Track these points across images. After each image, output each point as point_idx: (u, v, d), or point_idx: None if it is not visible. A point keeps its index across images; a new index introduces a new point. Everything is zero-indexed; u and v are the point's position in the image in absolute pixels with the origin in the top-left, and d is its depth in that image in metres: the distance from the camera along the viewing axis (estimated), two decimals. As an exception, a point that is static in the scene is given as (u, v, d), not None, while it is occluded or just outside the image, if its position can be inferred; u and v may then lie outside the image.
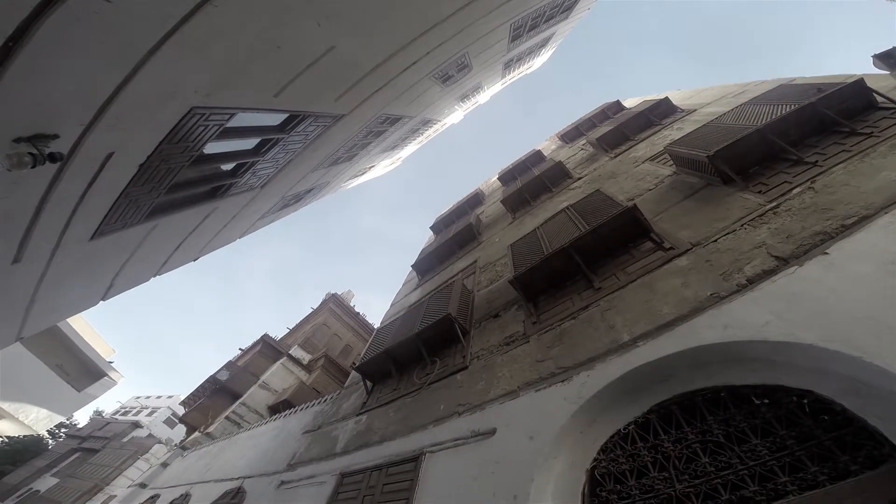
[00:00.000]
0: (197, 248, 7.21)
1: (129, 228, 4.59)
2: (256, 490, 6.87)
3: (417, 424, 4.91)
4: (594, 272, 4.96)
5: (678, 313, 3.49)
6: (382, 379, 6.83)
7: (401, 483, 4.29)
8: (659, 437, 3.02)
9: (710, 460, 2.69)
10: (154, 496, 10.99)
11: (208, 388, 15.15)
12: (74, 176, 3.35)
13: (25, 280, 4.29)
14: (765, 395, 2.77)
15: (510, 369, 4.55)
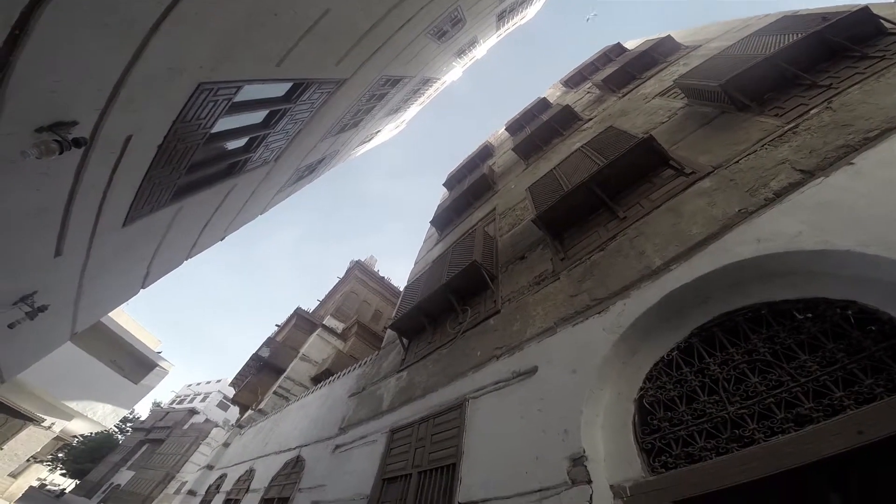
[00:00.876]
0: (222, 226, 7.40)
1: (157, 212, 4.72)
2: (314, 456, 7.18)
3: (457, 373, 4.99)
4: (617, 203, 4.90)
5: (708, 232, 3.42)
6: (417, 334, 6.94)
7: (448, 431, 4.41)
8: (704, 360, 2.99)
9: (760, 380, 2.64)
10: (221, 476, 11.68)
11: (253, 367, 15.75)
12: (99, 162, 3.42)
13: (70, 273, 4.51)
14: (806, 309, 2.69)
15: (543, 307, 4.54)
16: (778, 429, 2.39)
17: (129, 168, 3.75)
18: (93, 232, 4.15)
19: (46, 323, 4.98)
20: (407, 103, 13.06)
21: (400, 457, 4.88)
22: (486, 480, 3.48)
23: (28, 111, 2.56)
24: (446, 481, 3.96)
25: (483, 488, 3.44)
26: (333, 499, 5.36)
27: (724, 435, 2.57)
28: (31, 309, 4.12)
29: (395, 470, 4.76)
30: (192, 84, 3.57)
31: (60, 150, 2.71)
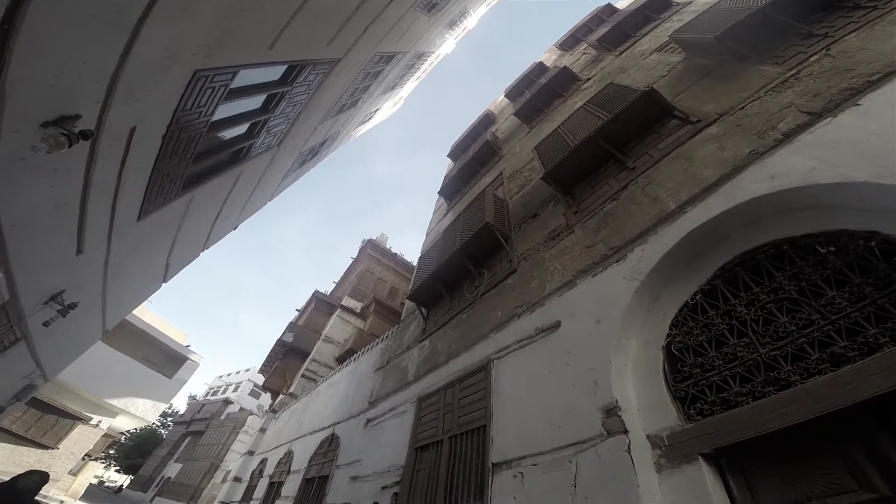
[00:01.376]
0: (234, 215, 7.52)
1: (169, 204, 4.79)
2: (347, 432, 7.35)
3: (478, 336, 5.02)
4: (625, 154, 4.87)
5: (720, 174, 3.39)
6: (435, 303, 6.99)
7: (475, 394, 4.46)
8: (729, 302, 2.94)
9: (790, 319, 2.59)
10: (263, 460, 12.01)
11: (279, 352, 16.07)
12: (107, 155, 3.46)
13: (93, 270, 4.63)
14: (829, 242, 2.63)
15: (561, 261, 4.51)
16: (814, 370, 2.34)
17: (137, 160, 3.79)
18: (110, 227, 4.24)
19: (79, 321, 5.16)
20: (403, 79, 12.92)
21: (430, 424, 4.98)
22: (518, 439, 3.51)
23: (30, 107, 2.57)
24: (478, 443, 4.03)
25: (516, 447, 3.48)
26: (371, 472, 5.51)
27: (759, 379, 2.54)
28: (62, 307, 4.26)
29: (426, 438, 4.86)
30: (187, 72, 3.55)
31: (69, 143, 2.73)
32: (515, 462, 3.38)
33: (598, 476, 2.71)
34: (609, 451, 2.73)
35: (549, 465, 3.09)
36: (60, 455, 15.16)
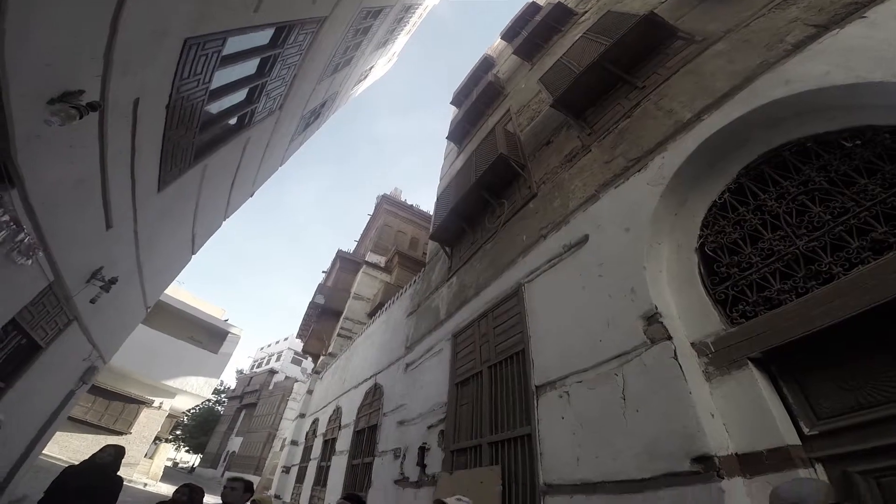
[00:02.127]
0: (249, 181, 7.66)
1: (185, 173, 4.88)
2: (389, 380, 7.61)
3: (506, 263, 5.04)
4: (633, 76, 4.81)
5: (733, 84, 3.33)
6: (458, 239, 7.04)
7: (510, 320, 4.51)
8: (759, 197, 2.89)
9: (823, 209, 2.54)
10: (314, 420, 12.58)
11: (313, 315, 16.58)
12: (117, 128, 3.50)
13: (125, 245, 4.82)
14: (854, 137, 2.57)
15: (581, 179, 4.44)
16: (856, 259, 2.29)
17: (146, 131, 3.85)
18: (133, 199, 4.34)
19: (121, 297, 5.42)
20: (393, 34, 12.58)
21: (467, 358, 5.10)
22: (559, 358, 3.55)
23: (33, 85, 2.57)
24: (518, 368, 4.10)
25: (558, 366, 3.52)
26: (416, 414, 5.74)
27: (800, 273, 2.49)
28: (103, 282, 4.47)
29: (466, 371, 4.99)
30: (178, 41, 3.51)
31: (80, 115, 2.75)
32: (559, 382, 3.44)
33: (646, 386, 2.72)
34: (655, 359, 2.73)
35: (594, 381, 3.13)
36: (134, 440, 16.21)
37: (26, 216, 3.12)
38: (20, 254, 3.14)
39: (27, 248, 3.18)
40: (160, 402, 17.46)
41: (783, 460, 2.14)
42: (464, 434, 4.58)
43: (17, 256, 3.12)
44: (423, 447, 5.16)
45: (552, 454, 3.26)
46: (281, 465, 13.71)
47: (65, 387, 6.00)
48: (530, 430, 3.57)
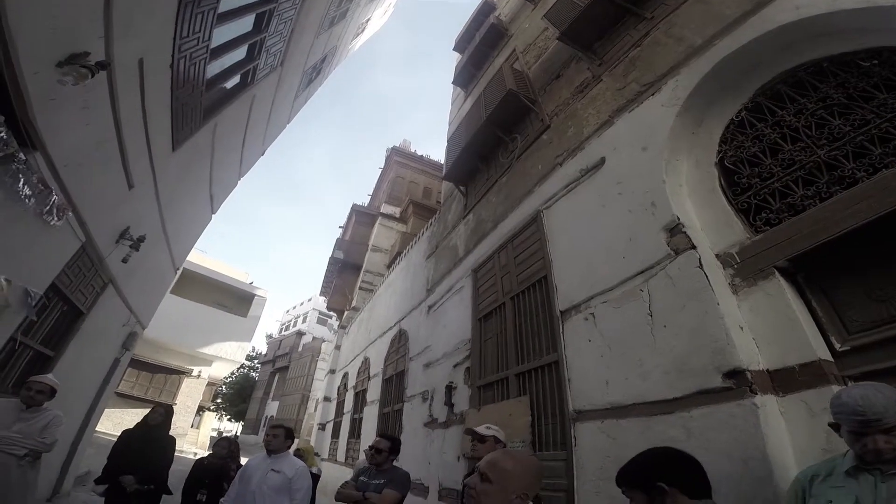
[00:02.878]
0: (259, 140, 7.80)
1: (196, 132, 4.97)
2: (413, 325, 7.77)
3: (522, 193, 5.02)
4: (640, 7, 4.55)
5: (743, 10, 3.18)
6: (472, 177, 7.00)
7: (530, 248, 4.50)
8: (776, 114, 2.83)
9: (843, 122, 2.49)
10: (344, 375, 12.96)
11: (334, 271, 16.87)
12: (126, 89, 3.55)
13: (148, 204, 5.00)
14: (870, 57, 2.51)
15: (594, 108, 4.34)
16: (879, 164, 2.24)
17: (154, 91, 3.92)
18: (150, 159, 4.46)
19: (150, 258, 5.65)
20: (387, -17, 12.15)
21: (489, 291, 5.14)
22: (582, 280, 3.55)
23: (41, 49, 2.59)
24: (541, 295, 4.12)
25: (582, 289, 3.52)
26: (441, 354, 5.88)
27: (823, 179, 2.44)
28: (132, 241, 4.64)
29: (488, 305, 5.04)
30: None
31: (91, 74, 2.79)
32: (584, 304, 3.44)
33: (673, 300, 2.69)
34: (680, 269, 2.70)
35: (619, 299, 3.12)
36: (179, 410, 16.73)
37: (52, 178, 3.21)
38: (51, 214, 3.25)
39: (57, 209, 3.29)
40: (198, 370, 18.24)
41: (816, 376, 2.07)
42: (489, 369, 4.67)
43: (48, 217, 3.23)
44: (450, 386, 5.27)
45: (580, 379, 3.27)
46: (316, 422, 14.13)
47: (110, 354, 6.28)
48: (557, 357, 3.56)
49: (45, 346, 4.35)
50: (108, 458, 3.99)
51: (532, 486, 1.36)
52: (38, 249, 3.50)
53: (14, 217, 3.01)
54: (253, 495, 3.47)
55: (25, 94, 2.61)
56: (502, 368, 4.42)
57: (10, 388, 3.89)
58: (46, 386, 3.36)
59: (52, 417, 3.34)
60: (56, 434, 3.35)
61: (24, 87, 2.57)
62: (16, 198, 2.85)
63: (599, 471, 2.86)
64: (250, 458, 3.96)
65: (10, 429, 3.13)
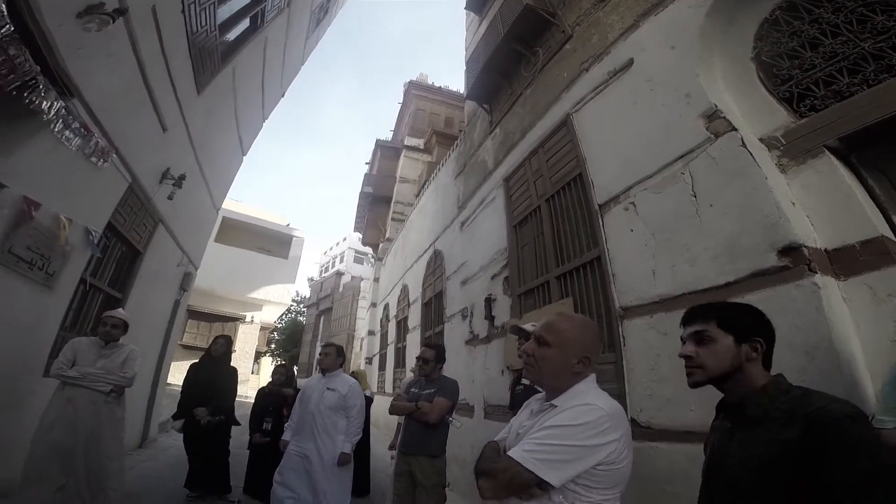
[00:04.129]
0: (277, 83, 7.94)
1: (217, 75, 5.12)
2: (447, 243, 7.78)
3: (549, 101, 4.86)
4: None
5: None
6: (495, 95, 6.78)
7: (561, 150, 4.40)
8: (813, 13, 2.56)
9: (886, 17, 2.24)
10: (385, 306, 13.37)
11: (365, 205, 17.26)
12: (144, 36, 3.64)
13: (182, 145, 5.21)
14: None
15: (617, 14, 4.08)
16: None
17: (171, 36, 4.00)
18: (178, 102, 4.60)
19: (192, 198, 5.95)
20: None
21: (522, 197, 5.05)
22: (619, 173, 3.46)
23: (61, 2, 2.67)
24: (577, 193, 4.03)
25: (619, 181, 3.42)
26: (477, 268, 5.91)
27: (870, 67, 2.24)
28: (174, 179, 4.89)
29: (522, 211, 4.97)
30: None
31: (112, 20, 2.90)
32: (622, 195, 3.35)
33: (717, 179, 2.57)
34: (722, 150, 2.57)
35: (659, 185, 3.01)
36: (239, 357, 17.70)
37: (92, 123, 3.36)
38: (97, 156, 3.43)
39: (101, 152, 3.46)
40: (251, 315, 19.36)
41: (880, 255, 1.88)
42: (528, 275, 4.65)
43: (94, 159, 3.42)
44: (489, 298, 5.30)
45: (625, 273, 3.15)
46: (364, 357, 14.70)
47: (170, 296, 6.69)
48: (598, 253, 3.44)
49: (112, 288, 4.69)
50: (180, 393, 4.34)
51: (593, 348, 1.31)
52: (91, 191, 3.72)
53: (64, 161, 3.21)
54: (312, 416, 3.75)
55: (54, 46, 2.73)
56: (542, 273, 4.39)
57: (88, 331, 4.16)
58: (119, 320, 3.46)
59: (129, 352, 3.49)
60: (134, 367, 3.49)
61: (52, 40, 2.68)
62: (62, 142, 3.03)
63: (651, 372, 2.74)
64: (307, 379, 4.30)
65: (94, 366, 3.26)
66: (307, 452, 3.68)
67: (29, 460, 3.02)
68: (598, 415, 1.13)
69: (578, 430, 1.11)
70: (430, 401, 3.23)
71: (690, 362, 1.17)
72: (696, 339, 1.17)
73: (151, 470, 5.00)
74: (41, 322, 3.52)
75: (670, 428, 2.52)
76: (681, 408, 2.46)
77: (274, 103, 8.36)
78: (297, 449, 3.74)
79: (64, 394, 3.15)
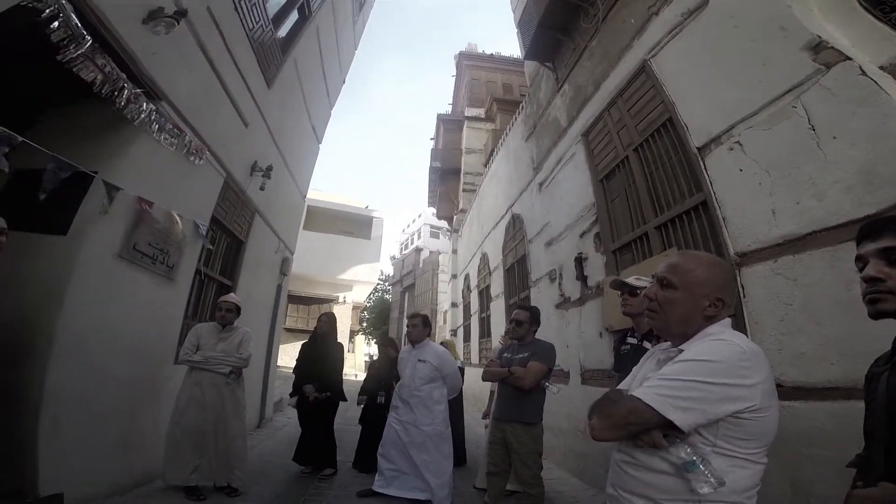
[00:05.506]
0: (336, 69, 8.24)
1: (282, 68, 5.37)
2: (525, 207, 7.52)
3: (619, 50, 4.53)
4: None
5: None
6: (555, 51, 6.42)
7: (644, 97, 4.09)
8: None
9: None
10: (465, 276, 13.38)
11: (435, 180, 17.54)
12: (207, 35, 3.78)
13: (265, 139, 5.50)
14: None
15: (684, -45, 3.62)
16: None
17: (232, 34, 4.14)
18: (253, 97, 4.83)
19: (281, 187, 6.29)
20: None
21: (605, 150, 4.79)
22: (716, 112, 3.18)
23: (125, 10, 2.79)
24: (669, 139, 3.78)
25: (717, 122, 3.15)
26: (563, 227, 5.68)
27: None
28: (263, 171, 5.20)
29: (607, 164, 4.71)
30: None
31: (177, 21, 3.01)
32: (724, 135, 3.08)
33: (838, 111, 2.31)
34: (838, 80, 2.31)
35: (768, 121, 2.73)
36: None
37: (182, 123, 3.58)
38: (192, 154, 3.67)
39: (196, 150, 3.70)
40: (343, 296, 20.61)
41: None
42: (622, 229, 4.44)
43: (191, 157, 3.66)
44: (580, 257, 5.05)
45: (738, 215, 2.90)
46: (448, 329, 14.87)
47: (272, 281, 7.14)
48: (703, 197, 3.23)
49: (223, 276, 5.12)
50: (293, 372, 4.60)
51: (727, 289, 1.14)
52: (193, 187, 4.01)
53: (164, 161, 3.46)
54: (408, 389, 3.84)
55: (133, 53, 2.88)
56: (637, 225, 4.16)
57: (206, 318, 4.50)
58: (233, 304, 3.70)
59: (244, 334, 3.71)
60: (249, 348, 3.70)
61: (128, 47, 2.83)
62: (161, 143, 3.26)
63: (780, 323, 2.49)
64: (402, 350, 4.32)
65: (215, 349, 3.49)
66: (405, 425, 3.78)
67: (168, 443, 3.35)
68: (735, 351, 0.96)
69: (712, 368, 0.95)
70: (523, 365, 3.11)
71: (877, 286, 0.94)
72: (885, 258, 0.95)
73: (269, 448, 5.25)
74: (168, 312, 3.88)
75: (806, 385, 2.30)
76: (819, 362, 2.24)
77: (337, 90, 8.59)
78: (395, 422, 3.86)
79: (192, 378, 3.45)
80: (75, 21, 2.32)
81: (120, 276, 3.15)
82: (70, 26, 2.30)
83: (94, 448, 2.98)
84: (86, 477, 2.90)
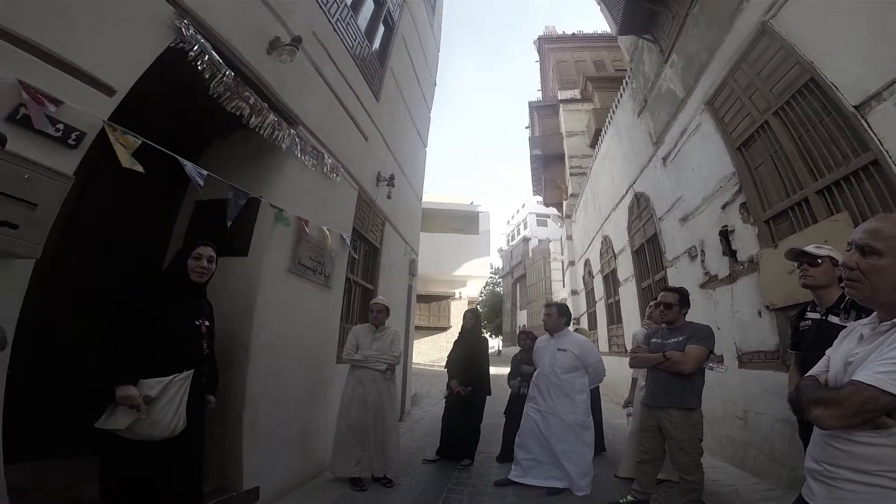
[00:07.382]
0: (426, 72, 8.57)
1: (383, 80, 5.75)
2: (649, 184, 7.08)
3: (730, 13, 4.36)
4: None
5: None
6: (652, 22, 6.23)
7: (772, 61, 3.86)
8: None
9: None
10: (585, 262, 12.79)
11: (538, 167, 17.15)
12: (319, 56, 4.01)
13: (383, 150, 5.89)
14: None
15: None
16: None
17: (336, 52, 4.35)
18: (367, 112, 5.17)
19: (401, 194, 6.64)
20: None
21: (738, 116, 4.41)
22: (869, 68, 2.88)
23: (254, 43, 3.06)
24: (815, 101, 3.48)
25: (874, 77, 2.83)
26: (700, 200, 5.28)
27: None
28: (387, 180, 5.59)
29: (744, 131, 4.33)
30: None
31: (296, 49, 3.22)
32: (886, 91, 2.71)
33: None
34: None
35: None
36: (454, 331, 19.03)
37: (319, 144, 3.96)
38: (331, 172, 4.05)
39: (332, 168, 4.09)
40: (458, 291, 21.17)
41: None
42: (773, 197, 4.03)
43: (330, 175, 4.04)
44: (725, 230, 4.64)
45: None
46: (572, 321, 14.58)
47: (404, 282, 7.53)
48: (873, 156, 2.91)
49: (365, 281, 5.57)
50: (444, 367, 4.81)
51: None
52: (334, 203, 4.41)
53: (310, 181, 3.86)
54: (547, 378, 3.81)
55: (266, 83, 3.16)
56: (793, 191, 3.76)
57: (356, 320, 4.98)
58: (383, 305, 3.97)
59: (394, 333, 3.94)
60: (399, 346, 3.94)
61: (263, 78, 3.11)
62: (305, 165, 3.65)
63: None
64: (538, 340, 4.26)
65: (371, 348, 3.78)
66: (544, 414, 3.76)
67: (336, 438, 3.72)
68: None
69: None
70: (678, 349, 2.97)
71: None
72: None
73: (411, 441, 5.44)
74: (328, 317, 4.34)
75: None
76: None
77: (432, 93, 8.81)
78: (534, 411, 3.85)
79: (354, 376, 3.79)
80: (216, 57, 2.54)
81: (291, 288, 3.59)
82: (213, 63, 2.51)
83: (281, 446, 3.35)
84: (275, 473, 3.23)
